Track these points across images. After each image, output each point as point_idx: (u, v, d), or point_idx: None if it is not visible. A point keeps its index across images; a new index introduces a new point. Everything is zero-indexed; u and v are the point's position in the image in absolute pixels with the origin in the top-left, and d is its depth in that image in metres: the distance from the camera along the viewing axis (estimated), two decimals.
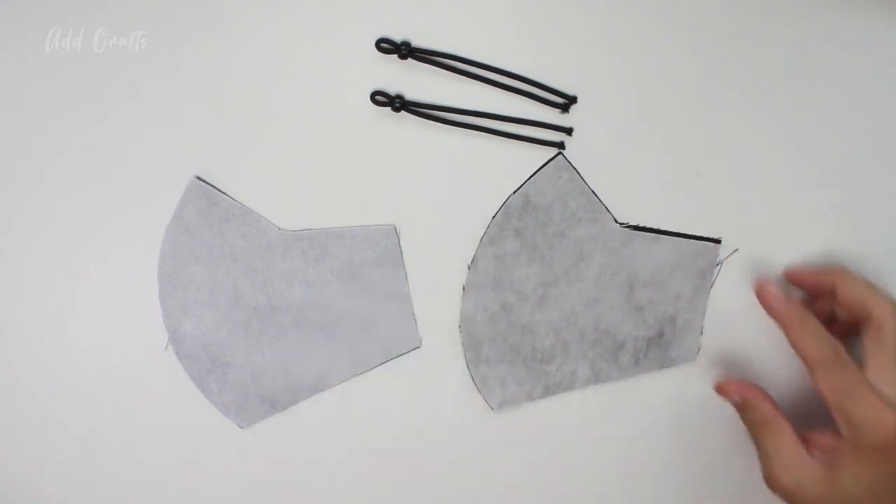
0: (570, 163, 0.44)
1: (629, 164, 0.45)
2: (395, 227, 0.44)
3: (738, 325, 0.48)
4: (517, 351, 0.46)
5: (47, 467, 0.47)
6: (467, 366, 0.47)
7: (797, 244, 0.47)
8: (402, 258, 0.44)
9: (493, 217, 0.45)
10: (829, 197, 0.46)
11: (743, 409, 0.44)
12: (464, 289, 0.46)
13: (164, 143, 0.43)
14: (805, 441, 0.41)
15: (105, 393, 0.46)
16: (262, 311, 0.45)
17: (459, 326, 0.46)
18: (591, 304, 0.46)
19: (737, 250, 0.47)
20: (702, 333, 0.48)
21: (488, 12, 0.42)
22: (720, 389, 0.46)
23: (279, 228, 0.44)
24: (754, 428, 0.43)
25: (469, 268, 0.45)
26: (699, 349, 0.48)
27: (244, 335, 0.45)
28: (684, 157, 0.45)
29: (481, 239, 0.45)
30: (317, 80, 0.43)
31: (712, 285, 0.47)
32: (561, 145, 0.44)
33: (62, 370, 0.46)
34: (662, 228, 0.46)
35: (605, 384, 0.48)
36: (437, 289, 0.46)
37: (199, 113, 0.43)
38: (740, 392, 0.44)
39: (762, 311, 0.45)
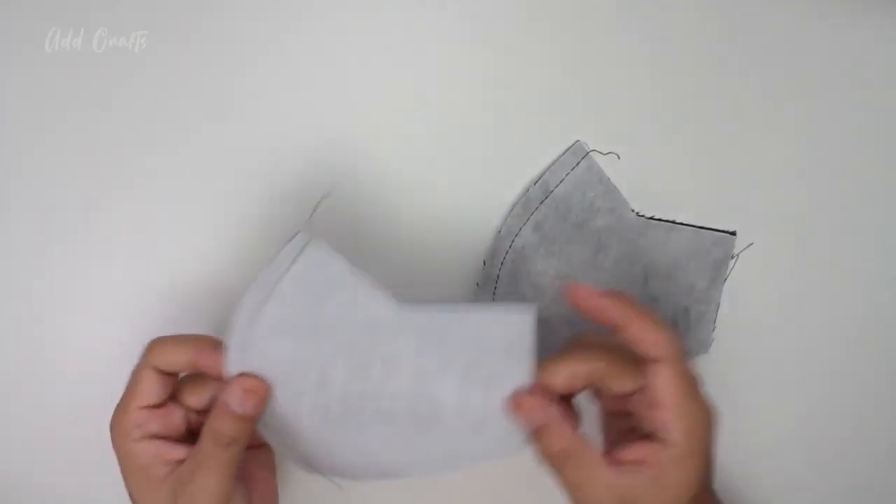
0: (587, 150, 0.44)
1: (641, 160, 0.45)
2: (534, 309, 0.36)
3: (752, 319, 0.48)
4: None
5: (48, 466, 0.47)
6: None
7: (810, 239, 0.47)
8: (535, 347, 0.36)
9: (512, 209, 0.44)
10: (841, 192, 0.47)
11: (538, 436, 0.35)
12: (478, 284, 0.45)
13: (164, 142, 0.43)
14: (611, 459, 0.35)
15: (107, 393, 0.46)
16: (349, 398, 0.37)
17: None
18: None
19: (752, 244, 0.47)
20: (714, 328, 0.48)
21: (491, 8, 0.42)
22: (515, 405, 0.35)
23: (394, 304, 0.36)
24: (552, 459, 0.35)
25: (485, 263, 0.45)
26: (712, 341, 0.48)
27: (322, 420, 0.37)
28: (699, 152, 0.45)
29: (499, 231, 0.45)
30: (320, 79, 0.42)
31: (726, 279, 0.47)
32: None
33: (62, 371, 0.45)
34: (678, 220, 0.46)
35: None
36: (451, 283, 0.46)
37: (199, 113, 0.43)
38: (536, 415, 0.35)
39: (777, 306, 0.45)
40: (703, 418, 0.34)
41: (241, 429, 0.35)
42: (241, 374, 0.35)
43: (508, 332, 0.36)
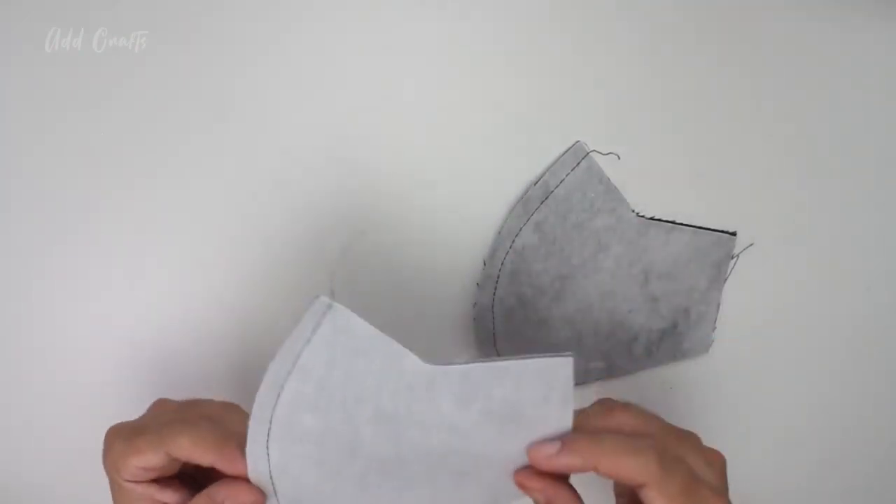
0: (587, 150, 0.44)
1: (641, 160, 0.45)
2: (573, 359, 0.34)
3: (752, 319, 0.48)
4: (532, 345, 0.46)
5: (48, 466, 0.47)
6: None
7: (810, 239, 0.47)
8: (572, 393, 0.35)
9: (512, 209, 0.44)
10: (841, 192, 0.47)
11: None
12: (478, 284, 0.45)
13: (164, 142, 0.43)
14: None
15: (106, 394, 0.46)
16: (385, 463, 0.35)
17: (474, 319, 0.46)
18: (607, 296, 0.46)
19: (752, 245, 0.47)
20: (714, 328, 0.48)
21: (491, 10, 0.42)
22: (521, 483, 0.35)
23: (424, 364, 0.34)
24: None
25: (485, 263, 0.45)
26: (712, 342, 0.48)
27: (356, 490, 0.36)
28: (699, 152, 0.45)
29: (499, 232, 0.45)
30: (320, 79, 0.42)
31: (726, 279, 0.47)
32: None
33: (62, 371, 0.45)
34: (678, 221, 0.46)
35: (619, 379, 0.48)
36: (452, 283, 0.45)
37: (199, 113, 0.42)
38: (545, 492, 0.34)
39: (777, 306, 0.45)
40: None
41: None
42: (244, 484, 0.34)
43: (546, 381, 0.34)
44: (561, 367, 0.34)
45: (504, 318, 0.45)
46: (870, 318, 0.50)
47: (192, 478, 0.37)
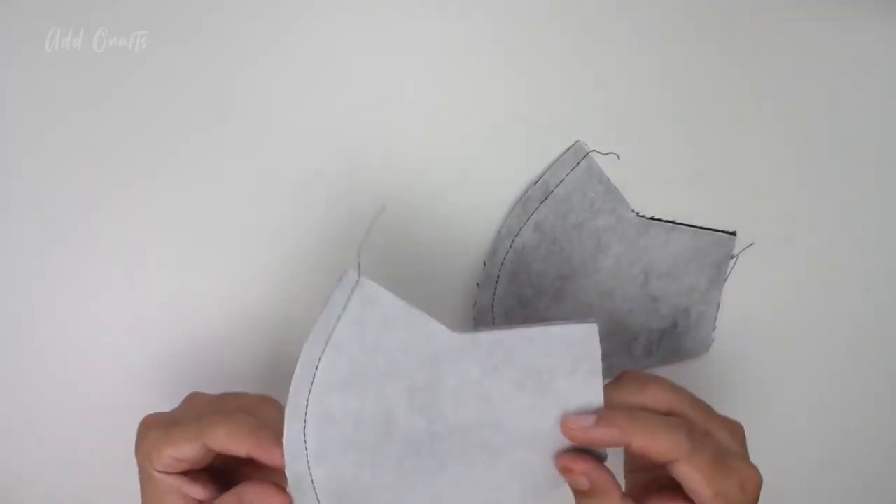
0: (587, 150, 0.44)
1: (641, 160, 0.45)
2: (597, 325, 0.35)
3: (752, 319, 0.48)
4: None
5: (48, 466, 0.47)
6: None
7: (810, 239, 0.47)
8: (601, 363, 0.35)
9: (512, 209, 0.44)
10: (841, 192, 0.47)
11: (589, 496, 0.35)
12: (478, 284, 0.45)
13: (164, 142, 0.43)
14: None
15: (106, 394, 0.46)
16: (420, 442, 0.35)
17: (474, 319, 0.46)
18: (607, 296, 0.46)
19: (752, 244, 0.47)
20: (714, 328, 0.48)
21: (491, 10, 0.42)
22: (565, 466, 0.35)
23: (452, 333, 0.34)
24: None
25: (485, 263, 0.45)
26: (712, 342, 0.48)
27: (393, 476, 0.35)
28: (699, 152, 0.45)
29: (499, 232, 0.45)
30: (320, 79, 0.42)
31: (726, 279, 0.47)
32: None
33: (62, 371, 0.45)
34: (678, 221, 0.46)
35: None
36: (452, 283, 0.45)
37: (199, 113, 0.42)
38: (589, 475, 0.34)
39: (777, 306, 0.45)
40: (741, 489, 0.33)
41: None
42: (272, 486, 0.34)
43: (573, 350, 0.34)
44: (586, 335, 0.34)
45: (504, 318, 0.46)
46: (870, 318, 0.50)
47: (221, 473, 0.37)
